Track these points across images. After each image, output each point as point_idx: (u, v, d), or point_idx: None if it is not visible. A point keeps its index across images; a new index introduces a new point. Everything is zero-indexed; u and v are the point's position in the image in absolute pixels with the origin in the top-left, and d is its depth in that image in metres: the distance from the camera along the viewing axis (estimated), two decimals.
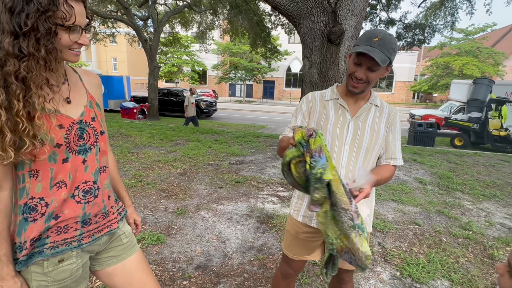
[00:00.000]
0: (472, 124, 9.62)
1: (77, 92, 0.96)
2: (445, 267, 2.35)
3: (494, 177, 4.96)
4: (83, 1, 0.84)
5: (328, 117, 1.24)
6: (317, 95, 1.30)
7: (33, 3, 0.73)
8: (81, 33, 0.85)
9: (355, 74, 1.14)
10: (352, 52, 1.13)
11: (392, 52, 1.10)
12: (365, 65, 1.10)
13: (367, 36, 1.11)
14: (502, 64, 22.67)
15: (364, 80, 1.14)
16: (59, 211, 0.89)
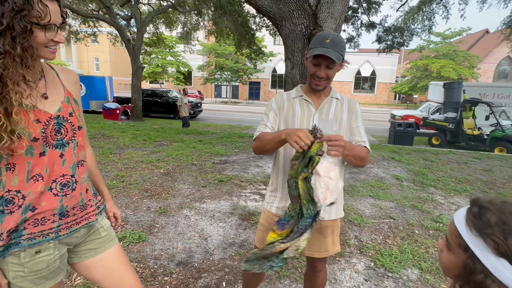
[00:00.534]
0: (448, 124, 10.05)
1: (54, 88, 1.00)
2: (416, 256, 2.49)
3: (466, 173, 5.23)
4: (57, 1, 0.88)
5: (295, 112, 1.35)
6: (284, 95, 1.42)
7: (7, 2, 0.77)
8: (57, 31, 0.89)
9: (316, 74, 1.26)
10: (310, 55, 1.23)
11: (343, 49, 1.23)
12: (324, 64, 1.23)
13: (319, 39, 1.23)
14: (477, 67, 23.74)
15: (325, 78, 1.26)
16: (36, 203, 0.92)
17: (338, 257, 2.45)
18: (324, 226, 1.39)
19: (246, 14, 13.33)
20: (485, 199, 0.61)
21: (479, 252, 0.56)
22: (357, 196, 3.84)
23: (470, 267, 0.57)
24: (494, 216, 0.57)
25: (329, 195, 1.11)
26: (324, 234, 1.40)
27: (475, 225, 0.58)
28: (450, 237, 0.64)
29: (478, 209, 0.59)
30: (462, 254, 0.60)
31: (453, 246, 0.63)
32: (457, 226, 0.61)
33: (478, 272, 0.55)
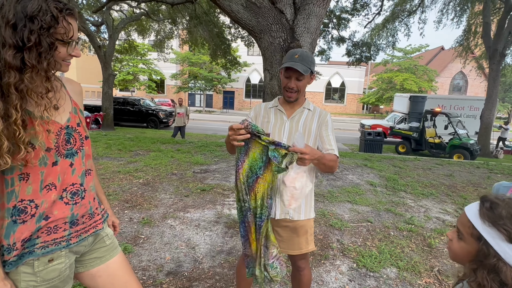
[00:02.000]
0: (412, 133, 10.80)
1: (63, 99, 1.02)
2: (393, 256, 2.67)
3: (431, 178, 5.66)
4: (76, 18, 0.93)
5: (269, 120, 1.52)
6: (263, 105, 1.58)
7: (37, 20, 0.80)
8: (74, 46, 0.93)
9: (287, 85, 1.41)
10: (281, 68, 1.42)
11: (311, 64, 1.39)
12: (293, 77, 1.38)
13: (289, 55, 1.41)
14: (435, 80, 25.81)
15: (295, 89, 1.40)
16: (49, 212, 0.93)
17: (323, 260, 2.57)
18: (298, 226, 1.50)
19: (221, 25, 13.50)
20: (493, 196, 0.74)
21: (492, 240, 0.68)
22: (335, 201, 4.02)
23: (484, 252, 0.69)
24: (504, 210, 0.69)
25: (293, 202, 1.31)
26: (297, 234, 1.51)
27: (488, 217, 0.69)
28: (463, 228, 0.75)
29: (490, 204, 0.71)
30: (474, 243, 0.72)
31: (465, 235, 0.74)
32: (470, 219, 0.73)
33: (492, 256, 0.67)
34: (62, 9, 0.85)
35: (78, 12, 10.95)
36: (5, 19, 0.79)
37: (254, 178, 1.31)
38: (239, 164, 1.32)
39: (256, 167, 1.30)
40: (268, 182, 1.30)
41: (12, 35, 0.79)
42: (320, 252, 2.69)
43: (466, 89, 30.35)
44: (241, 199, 1.35)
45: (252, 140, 1.28)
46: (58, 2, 0.85)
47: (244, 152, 1.30)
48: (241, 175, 1.31)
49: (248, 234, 1.39)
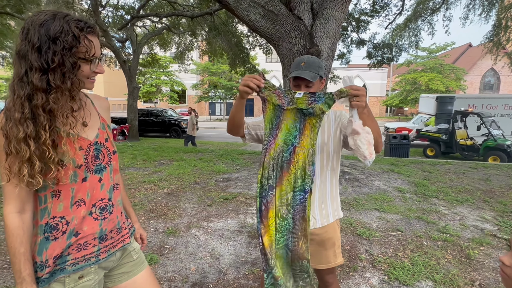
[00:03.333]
0: (441, 135, 10.28)
1: (91, 116, 1.04)
2: (428, 268, 2.50)
3: (465, 183, 5.32)
4: (97, 35, 0.95)
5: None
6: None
7: (59, 41, 0.83)
8: (97, 63, 0.95)
9: None
10: (289, 77, 1.39)
11: (319, 69, 1.35)
12: (302, 85, 1.34)
13: (296, 64, 1.39)
14: (463, 79, 24.57)
15: None
16: (79, 228, 0.94)
17: (352, 271, 2.46)
18: (325, 238, 1.42)
19: (240, 34, 13.72)
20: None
21: None
22: (362, 209, 3.87)
23: None
24: None
25: (372, 149, 1.14)
26: (325, 247, 1.43)
27: None
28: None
29: None
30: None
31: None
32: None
33: None
34: (83, 27, 0.87)
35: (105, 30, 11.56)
36: (31, 43, 0.82)
37: (291, 150, 1.21)
38: (270, 140, 1.24)
39: (291, 137, 1.22)
40: (307, 147, 1.20)
41: (37, 58, 0.82)
42: (348, 263, 2.58)
43: (499, 86, 28.60)
44: (266, 177, 1.22)
45: (283, 111, 1.23)
46: (79, 21, 0.87)
47: (276, 125, 1.24)
48: (272, 150, 1.23)
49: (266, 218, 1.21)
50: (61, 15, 0.86)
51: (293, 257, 1.23)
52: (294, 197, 1.20)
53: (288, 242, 1.23)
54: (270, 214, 1.22)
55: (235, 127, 1.46)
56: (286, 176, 1.21)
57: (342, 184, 4.91)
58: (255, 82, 1.20)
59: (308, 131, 1.21)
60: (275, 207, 1.21)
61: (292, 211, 1.21)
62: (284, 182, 1.21)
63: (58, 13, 0.86)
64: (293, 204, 1.20)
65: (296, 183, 1.20)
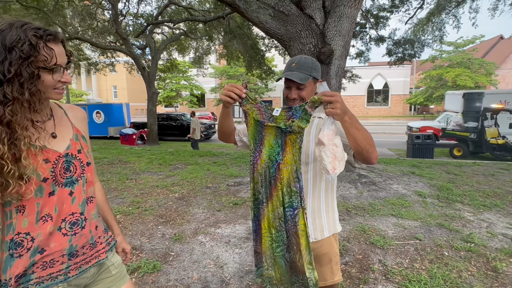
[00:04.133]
0: (469, 134, 9.66)
1: (63, 127, 1.00)
2: (448, 282, 2.29)
3: (494, 186, 4.92)
4: (62, 41, 0.90)
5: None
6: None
7: (15, 51, 0.79)
8: (63, 71, 0.90)
9: (288, 96, 1.30)
10: (277, 80, 1.40)
11: (311, 69, 1.26)
12: (293, 86, 1.27)
13: (287, 64, 1.31)
14: (494, 74, 23.07)
15: (298, 99, 1.28)
16: (44, 245, 0.90)
17: (362, 284, 2.30)
18: (320, 253, 1.31)
19: (255, 37, 13.72)
20: None
21: None
22: (377, 215, 3.66)
23: None
24: None
25: (337, 164, 1.05)
26: (320, 263, 1.32)
27: None
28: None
29: None
30: None
31: None
32: None
33: None
34: (42, 35, 0.83)
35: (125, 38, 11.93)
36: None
37: (275, 166, 1.17)
38: (256, 155, 1.21)
39: (274, 153, 1.17)
40: (291, 164, 1.15)
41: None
42: (358, 275, 2.42)
43: None
44: (257, 190, 1.21)
45: (264, 127, 1.19)
46: (38, 29, 0.83)
47: (259, 141, 1.21)
48: (259, 165, 1.20)
49: (259, 229, 1.23)
50: (18, 24, 0.82)
51: (292, 269, 1.19)
52: (285, 213, 1.18)
53: (285, 253, 1.20)
54: (263, 225, 1.22)
55: (225, 134, 1.42)
56: (275, 192, 1.18)
57: (357, 188, 4.70)
58: (236, 92, 1.15)
59: (290, 148, 1.16)
60: (269, 220, 1.20)
61: (284, 226, 1.18)
62: (274, 198, 1.19)
63: (15, 22, 0.83)
64: (285, 219, 1.18)
65: (284, 200, 1.17)
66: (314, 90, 1.30)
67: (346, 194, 4.45)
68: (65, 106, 1.08)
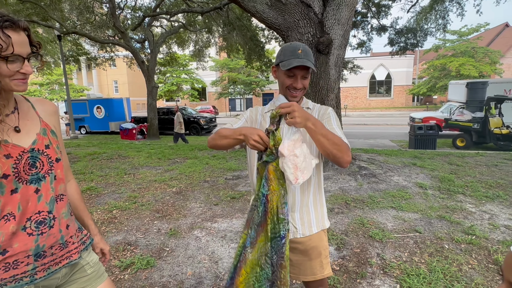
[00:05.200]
0: (473, 124, 9.50)
1: (29, 121, 0.94)
2: (448, 276, 2.23)
3: (497, 177, 4.83)
4: (25, 29, 0.83)
5: (263, 126, 1.30)
6: (259, 109, 1.38)
7: None
8: (23, 62, 0.83)
9: (293, 85, 1.22)
10: (287, 68, 1.17)
11: (312, 58, 1.23)
12: (299, 75, 1.20)
13: (290, 51, 1.19)
14: (499, 62, 22.66)
15: (301, 88, 1.23)
16: (7, 245, 0.84)
17: (359, 278, 2.25)
18: (309, 247, 1.26)
19: (254, 28, 13.51)
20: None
21: None
22: (377, 208, 3.60)
23: None
24: None
25: (299, 174, 1.05)
26: (309, 257, 1.28)
27: None
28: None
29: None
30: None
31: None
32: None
33: None
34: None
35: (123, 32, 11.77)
36: None
37: (264, 201, 1.11)
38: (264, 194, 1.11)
39: (261, 188, 1.11)
40: (278, 189, 1.10)
41: None
42: (355, 269, 2.37)
43: None
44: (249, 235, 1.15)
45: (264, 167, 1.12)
46: None
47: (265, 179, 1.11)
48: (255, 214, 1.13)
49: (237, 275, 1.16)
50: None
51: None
52: (272, 246, 1.12)
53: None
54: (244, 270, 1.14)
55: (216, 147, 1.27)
56: (264, 227, 1.12)
57: (357, 181, 4.63)
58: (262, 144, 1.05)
59: (273, 174, 1.08)
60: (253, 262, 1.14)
61: (270, 261, 1.13)
62: (261, 236, 1.13)
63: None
64: (271, 254, 1.13)
65: (273, 231, 1.11)
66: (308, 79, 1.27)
67: (345, 187, 4.39)
68: (33, 100, 1.02)
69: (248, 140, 1.06)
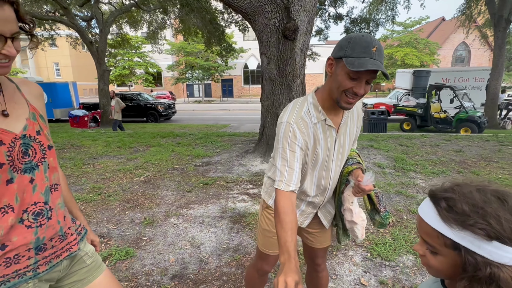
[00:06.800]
0: (417, 109, 10.52)
1: (16, 104, 0.84)
2: (408, 242, 2.54)
3: (440, 155, 5.48)
4: (11, 3, 0.71)
5: (319, 143, 1.12)
6: (306, 119, 1.09)
7: None
8: (5, 42, 0.72)
9: (353, 90, 0.99)
10: (356, 69, 0.93)
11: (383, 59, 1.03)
12: (365, 79, 0.98)
13: (362, 46, 0.95)
14: (437, 53, 25.12)
15: (362, 95, 1.02)
16: (6, 240, 0.77)
17: (335, 251, 2.44)
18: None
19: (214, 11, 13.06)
20: (441, 190, 0.61)
21: (471, 245, 0.54)
22: None
23: (471, 263, 0.54)
24: (463, 203, 0.56)
25: (364, 231, 1.31)
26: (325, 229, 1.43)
27: (454, 220, 0.56)
28: (431, 240, 0.61)
29: (446, 203, 0.58)
30: (452, 253, 0.58)
31: (438, 248, 0.60)
32: (434, 227, 0.59)
33: (482, 265, 0.53)
34: None
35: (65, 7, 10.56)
36: None
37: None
38: None
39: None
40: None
41: None
42: (331, 243, 2.56)
43: (469, 60, 29.59)
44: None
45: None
46: None
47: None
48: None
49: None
50: None
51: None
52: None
53: None
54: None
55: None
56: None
57: None
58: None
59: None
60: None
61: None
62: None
63: None
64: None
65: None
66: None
67: None
68: (17, 80, 0.91)
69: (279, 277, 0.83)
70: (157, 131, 9.08)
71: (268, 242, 1.38)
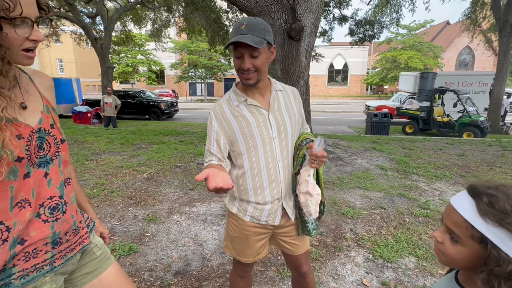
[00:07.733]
0: (420, 113, 10.50)
1: (32, 96, 0.84)
2: (411, 244, 2.54)
3: (443, 159, 5.47)
4: None
5: (247, 120, 1.19)
6: (224, 105, 1.23)
7: None
8: (32, 27, 0.73)
9: (241, 67, 1.11)
10: (226, 47, 1.10)
11: (265, 32, 1.09)
12: (246, 54, 1.08)
13: (235, 28, 1.10)
14: (440, 57, 25.06)
15: (252, 69, 1.10)
16: (24, 234, 0.78)
17: (337, 251, 2.45)
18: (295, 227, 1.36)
19: (218, 10, 13.07)
20: (485, 186, 0.62)
21: (500, 242, 0.57)
22: (346, 188, 3.88)
23: (494, 258, 0.57)
24: (506, 203, 0.57)
25: (318, 208, 1.25)
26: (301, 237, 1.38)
27: (492, 215, 0.58)
28: (457, 229, 0.63)
29: (488, 198, 0.59)
30: (475, 245, 0.60)
31: (462, 238, 0.62)
32: (467, 218, 0.61)
33: (505, 262, 0.56)
34: None
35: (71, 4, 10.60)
36: None
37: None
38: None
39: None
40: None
41: None
42: (333, 243, 2.57)
43: (473, 64, 29.50)
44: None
45: None
46: None
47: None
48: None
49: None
50: None
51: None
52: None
53: None
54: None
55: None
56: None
57: (325, 164, 4.90)
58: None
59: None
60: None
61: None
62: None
63: None
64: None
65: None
66: (269, 58, 1.14)
67: None
68: (29, 71, 0.91)
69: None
70: (160, 129, 9.11)
71: (239, 249, 1.35)
